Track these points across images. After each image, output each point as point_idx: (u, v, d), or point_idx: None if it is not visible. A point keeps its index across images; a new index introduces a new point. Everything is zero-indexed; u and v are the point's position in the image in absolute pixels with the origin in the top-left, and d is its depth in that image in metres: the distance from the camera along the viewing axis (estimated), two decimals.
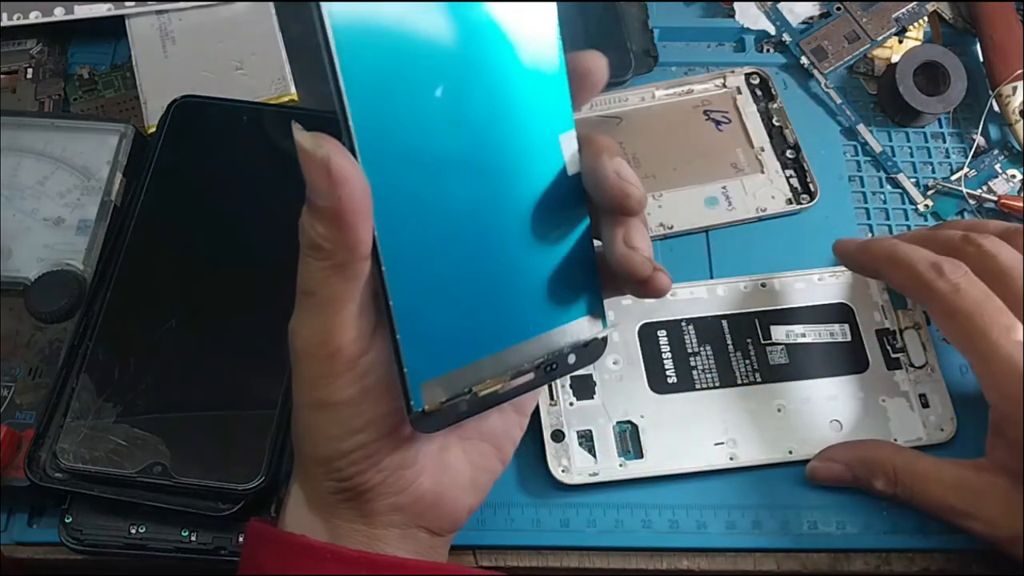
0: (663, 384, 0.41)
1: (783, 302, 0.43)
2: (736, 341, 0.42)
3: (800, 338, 0.42)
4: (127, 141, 0.44)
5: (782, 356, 0.42)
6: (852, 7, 0.50)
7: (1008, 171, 0.47)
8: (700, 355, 0.42)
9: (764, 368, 0.41)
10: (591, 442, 0.40)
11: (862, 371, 0.41)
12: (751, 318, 0.42)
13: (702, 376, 0.41)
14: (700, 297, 0.43)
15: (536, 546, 0.39)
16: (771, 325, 0.42)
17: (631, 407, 0.40)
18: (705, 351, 0.42)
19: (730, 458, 0.40)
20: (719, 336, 0.42)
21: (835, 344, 0.42)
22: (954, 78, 0.47)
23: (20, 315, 0.40)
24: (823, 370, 0.41)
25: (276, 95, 0.46)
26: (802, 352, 0.42)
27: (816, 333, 0.42)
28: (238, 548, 0.37)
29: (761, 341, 0.42)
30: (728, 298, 0.43)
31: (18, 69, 0.48)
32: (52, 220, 0.42)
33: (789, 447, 0.40)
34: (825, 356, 0.42)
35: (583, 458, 0.39)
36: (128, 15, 0.48)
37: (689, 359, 0.41)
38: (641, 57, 0.48)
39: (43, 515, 0.39)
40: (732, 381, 0.41)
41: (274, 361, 0.38)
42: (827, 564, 0.39)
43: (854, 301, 0.43)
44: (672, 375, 0.41)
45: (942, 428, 0.40)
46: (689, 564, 0.39)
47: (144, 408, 0.37)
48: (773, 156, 0.47)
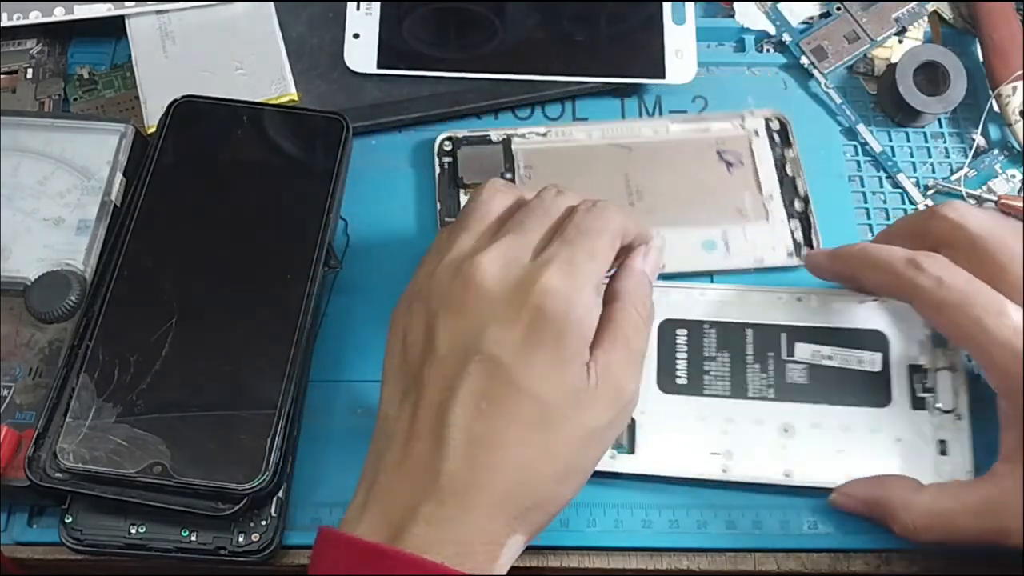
0: (671, 384, 0.40)
1: (816, 320, 0.41)
2: (757, 352, 0.41)
3: (825, 360, 0.40)
4: (127, 141, 0.44)
5: (802, 376, 0.40)
6: (852, 7, 0.50)
7: (1008, 171, 0.47)
8: (716, 360, 0.41)
9: (780, 385, 0.40)
10: None
11: (883, 405, 0.40)
12: (778, 331, 0.41)
13: (713, 382, 0.40)
14: (729, 300, 0.41)
15: (536, 546, 0.39)
16: (797, 342, 0.41)
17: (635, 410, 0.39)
18: (722, 357, 0.41)
19: (723, 470, 0.39)
20: (740, 344, 0.41)
21: (861, 372, 0.40)
22: (954, 78, 0.47)
23: (20, 315, 0.40)
24: (842, 397, 0.40)
25: (276, 95, 0.46)
26: (824, 375, 0.40)
27: (843, 358, 0.40)
28: (238, 548, 0.37)
29: (783, 357, 0.40)
30: (759, 306, 0.41)
31: (18, 69, 0.48)
32: (52, 220, 0.42)
33: (786, 469, 0.39)
34: (847, 383, 0.40)
35: None
36: (128, 15, 0.48)
37: (704, 363, 0.40)
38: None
39: (43, 515, 0.39)
40: (743, 393, 0.40)
41: (274, 361, 0.38)
42: (827, 564, 0.39)
43: (892, 330, 0.41)
44: (683, 376, 0.40)
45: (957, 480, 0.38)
46: (689, 564, 0.39)
47: (144, 408, 0.37)
48: (781, 205, 0.45)
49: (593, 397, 0.33)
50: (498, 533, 0.32)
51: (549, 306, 0.32)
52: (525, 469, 0.32)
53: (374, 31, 0.48)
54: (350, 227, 0.45)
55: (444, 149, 0.46)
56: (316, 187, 0.42)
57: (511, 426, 0.32)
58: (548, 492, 0.33)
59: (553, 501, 0.33)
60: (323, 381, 0.42)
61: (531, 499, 0.32)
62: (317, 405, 0.41)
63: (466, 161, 0.46)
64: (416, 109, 0.47)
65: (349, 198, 0.44)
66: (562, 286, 0.33)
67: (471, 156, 0.46)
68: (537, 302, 0.32)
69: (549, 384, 0.32)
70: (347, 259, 0.44)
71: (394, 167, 0.47)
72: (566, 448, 0.32)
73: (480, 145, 0.46)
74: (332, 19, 0.49)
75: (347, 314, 0.43)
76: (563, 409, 0.32)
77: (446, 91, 0.47)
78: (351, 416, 0.41)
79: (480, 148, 0.46)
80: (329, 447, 0.41)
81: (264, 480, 0.36)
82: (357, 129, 0.45)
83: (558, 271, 0.33)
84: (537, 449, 0.32)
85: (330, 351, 0.42)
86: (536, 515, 0.33)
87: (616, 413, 0.34)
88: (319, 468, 0.40)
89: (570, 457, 0.33)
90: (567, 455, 0.33)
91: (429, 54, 0.48)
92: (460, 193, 0.45)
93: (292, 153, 0.43)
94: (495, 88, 0.47)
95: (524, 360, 0.32)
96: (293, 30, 0.48)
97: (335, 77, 0.48)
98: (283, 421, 0.37)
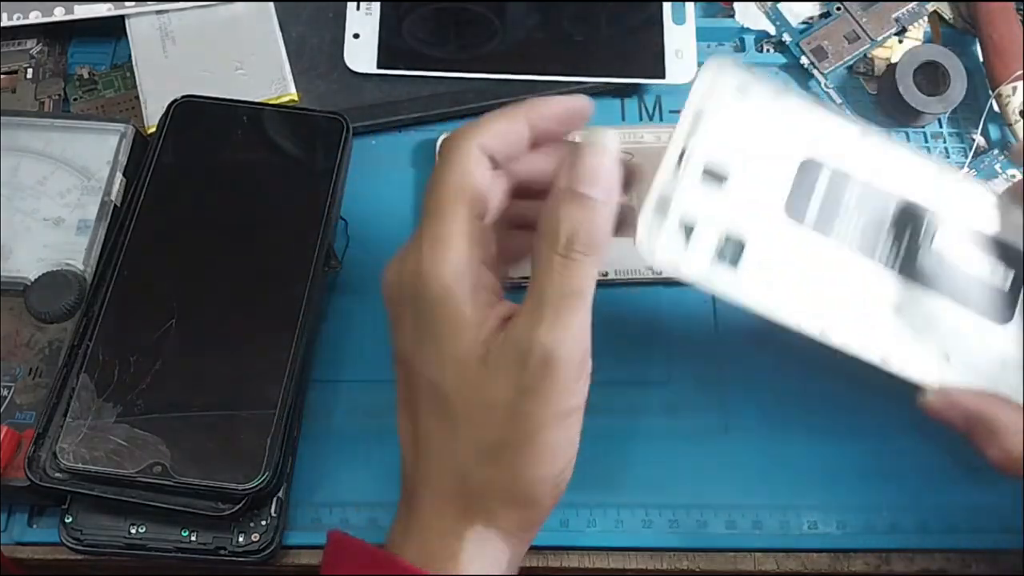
0: (800, 211, 0.36)
1: (965, 217, 0.37)
2: (897, 223, 0.36)
3: (961, 260, 0.37)
4: (127, 141, 0.44)
5: (933, 264, 0.36)
6: (852, 7, 0.50)
7: (1008, 171, 0.47)
8: (851, 214, 0.36)
9: (908, 263, 0.36)
10: (692, 229, 0.34)
11: (1003, 322, 0.37)
12: (926, 215, 0.37)
13: (844, 229, 0.36)
14: (888, 166, 0.37)
15: (536, 546, 0.39)
16: (940, 231, 0.37)
17: (752, 220, 0.35)
18: (858, 214, 0.36)
19: (820, 332, 0.35)
20: (881, 212, 0.37)
21: (991, 284, 0.37)
22: (954, 78, 0.47)
23: (20, 315, 0.40)
24: (966, 298, 0.37)
25: (276, 95, 0.46)
26: (955, 272, 0.37)
27: (981, 262, 0.37)
28: (238, 548, 0.37)
29: (920, 238, 0.37)
30: (921, 182, 0.37)
31: (18, 69, 0.48)
32: (52, 220, 0.42)
33: (885, 353, 0.35)
34: (971, 288, 0.37)
35: (674, 240, 0.34)
36: (128, 15, 0.48)
37: (838, 210, 0.36)
38: None
39: (43, 515, 0.39)
40: (870, 252, 0.36)
41: (274, 361, 0.38)
42: (827, 564, 0.39)
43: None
44: (813, 213, 0.36)
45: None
46: (689, 564, 0.39)
47: (144, 408, 0.37)
48: None
49: (491, 369, 0.30)
50: (451, 526, 0.31)
51: (419, 289, 0.31)
52: (450, 457, 0.31)
53: (374, 31, 0.48)
54: (350, 227, 0.45)
55: None
56: (316, 187, 0.42)
57: (428, 420, 0.31)
58: (484, 476, 0.30)
59: (499, 487, 0.31)
60: (323, 381, 0.42)
61: (469, 486, 0.31)
62: (317, 405, 0.41)
63: None
64: (416, 109, 0.47)
65: (349, 198, 0.44)
66: (421, 266, 0.31)
67: None
68: (410, 290, 0.31)
69: (436, 368, 0.31)
70: (347, 259, 0.44)
71: (394, 167, 0.47)
72: (478, 432, 0.30)
73: None
74: (332, 19, 0.49)
75: (347, 314, 0.43)
76: (458, 391, 0.30)
77: (446, 91, 0.47)
78: (351, 416, 0.41)
79: None
80: (329, 447, 0.41)
81: (264, 480, 0.36)
82: (357, 129, 0.45)
83: (415, 252, 0.31)
84: (449, 436, 0.31)
85: (330, 351, 0.42)
86: (492, 503, 0.31)
87: (533, 378, 0.29)
88: (319, 468, 0.40)
89: (489, 435, 0.30)
90: (479, 437, 0.30)
91: (429, 54, 0.48)
92: None
93: (292, 153, 0.43)
94: (495, 88, 0.47)
95: (416, 350, 0.31)
96: (293, 30, 0.48)
97: (335, 77, 0.48)
98: (283, 421, 0.37)
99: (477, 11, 0.48)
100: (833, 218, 0.36)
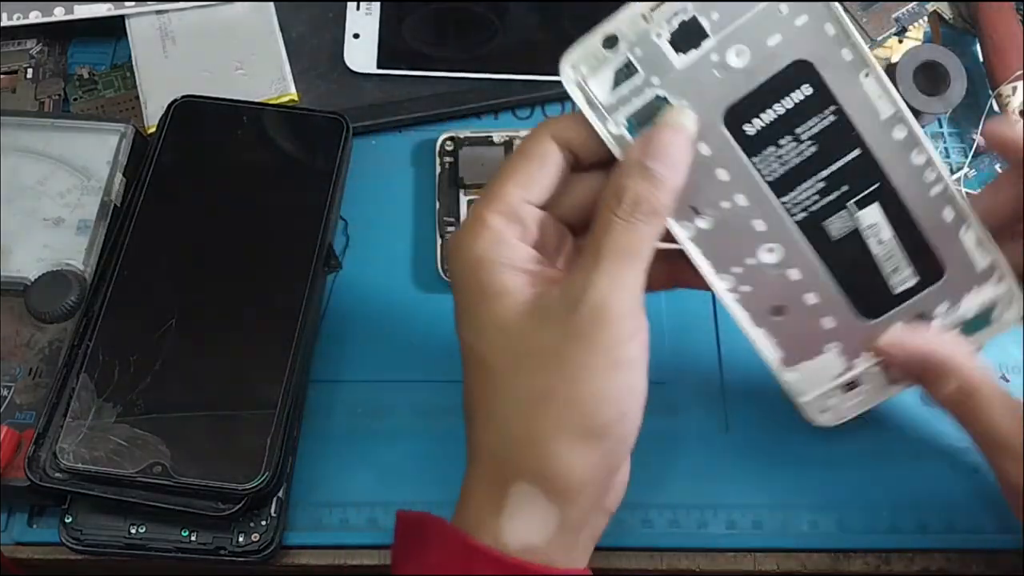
0: (737, 128, 0.32)
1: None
2: (838, 174, 0.32)
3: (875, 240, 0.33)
4: (127, 141, 0.44)
5: (840, 229, 0.33)
6: (852, 7, 0.50)
7: None
8: (795, 143, 0.32)
9: (814, 217, 0.33)
10: (627, 79, 0.31)
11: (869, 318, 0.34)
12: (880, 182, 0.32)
13: (767, 160, 0.32)
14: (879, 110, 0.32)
15: None
16: (870, 205, 0.33)
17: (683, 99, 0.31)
18: (801, 147, 0.32)
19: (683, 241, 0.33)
20: (827, 156, 0.32)
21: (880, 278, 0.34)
22: (954, 78, 0.47)
23: (20, 315, 0.40)
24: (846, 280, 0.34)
25: (276, 95, 0.46)
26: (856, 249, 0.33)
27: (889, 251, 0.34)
28: (238, 548, 0.37)
29: (846, 202, 0.33)
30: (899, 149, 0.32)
31: (18, 69, 0.48)
32: (52, 220, 0.42)
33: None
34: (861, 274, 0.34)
35: (603, 77, 0.31)
36: (128, 15, 0.48)
37: (780, 137, 0.32)
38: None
39: (43, 515, 0.39)
40: (786, 189, 0.32)
41: (274, 361, 0.38)
42: (827, 564, 0.39)
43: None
44: (752, 127, 0.32)
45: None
46: (689, 564, 0.39)
47: (144, 408, 0.37)
48: None
49: (539, 319, 0.30)
50: (495, 480, 0.31)
51: (456, 263, 0.32)
52: (490, 418, 0.32)
53: (374, 31, 0.48)
54: (350, 227, 0.45)
55: (446, 149, 0.46)
56: (316, 187, 0.42)
57: (472, 385, 0.32)
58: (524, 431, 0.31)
59: (540, 439, 0.30)
60: (323, 381, 0.42)
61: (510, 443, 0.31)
62: (317, 405, 0.41)
63: (467, 162, 0.46)
64: (416, 109, 0.47)
65: (349, 198, 0.44)
66: (458, 243, 0.32)
67: (473, 157, 0.46)
68: (452, 264, 0.33)
69: (475, 333, 0.32)
70: (347, 259, 0.44)
71: (394, 167, 0.47)
72: (521, 382, 0.31)
73: (482, 146, 0.46)
74: (332, 19, 0.49)
75: (347, 314, 0.43)
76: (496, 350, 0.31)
77: (446, 91, 0.47)
78: (351, 416, 0.41)
79: (482, 149, 0.46)
80: (329, 447, 0.41)
81: (264, 480, 0.36)
82: (357, 129, 0.45)
83: (456, 233, 0.33)
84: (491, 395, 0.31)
85: (330, 351, 0.42)
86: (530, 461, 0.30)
87: (583, 324, 0.30)
88: (319, 468, 0.40)
89: (533, 383, 0.30)
90: (521, 387, 0.31)
91: (429, 54, 0.48)
92: (460, 193, 0.45)
93: (292, 153, 0.43)
94: (495, 88, 0.47)
95: (458, 320, 0.33)
96: (293, 30, 0.49)
97: (335, 77, 0.48)
98: (283, 421, 0.37)
99: (477, 11, 0.48)
100: (766, 145, 0.32)
